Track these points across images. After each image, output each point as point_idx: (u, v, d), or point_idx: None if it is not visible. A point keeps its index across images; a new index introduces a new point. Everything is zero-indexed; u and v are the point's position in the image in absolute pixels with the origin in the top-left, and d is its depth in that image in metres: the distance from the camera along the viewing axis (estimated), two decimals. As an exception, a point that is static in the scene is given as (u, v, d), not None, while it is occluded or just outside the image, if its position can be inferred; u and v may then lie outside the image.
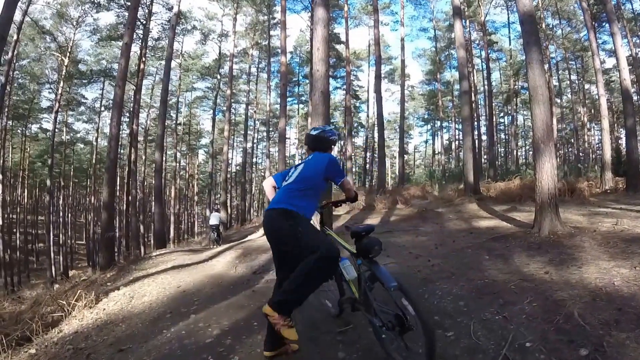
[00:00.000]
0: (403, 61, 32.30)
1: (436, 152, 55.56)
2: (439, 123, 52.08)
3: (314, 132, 4.46)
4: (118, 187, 30.63)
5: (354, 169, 35.92)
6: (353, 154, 35.72)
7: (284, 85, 23.56)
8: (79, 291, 7.64)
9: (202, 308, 6.12)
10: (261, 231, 16.61)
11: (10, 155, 43.80)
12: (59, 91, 33.91)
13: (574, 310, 4.07)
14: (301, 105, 48.59)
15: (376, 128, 32.96)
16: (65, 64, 33.23)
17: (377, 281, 3.65)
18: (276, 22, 36.76)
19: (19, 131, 42.80)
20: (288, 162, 42.99)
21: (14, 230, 42.28)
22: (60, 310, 7.17)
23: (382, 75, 32.22)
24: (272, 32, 38.56)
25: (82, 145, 50.36)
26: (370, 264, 3.75)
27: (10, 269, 34.77)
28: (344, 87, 37.98)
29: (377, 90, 24.87)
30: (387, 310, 3.53)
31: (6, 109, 32.97)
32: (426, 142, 62.41)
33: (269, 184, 4.45)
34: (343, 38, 33.49)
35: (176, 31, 26.27)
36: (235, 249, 10.96)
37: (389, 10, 38.35)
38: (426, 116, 56.10)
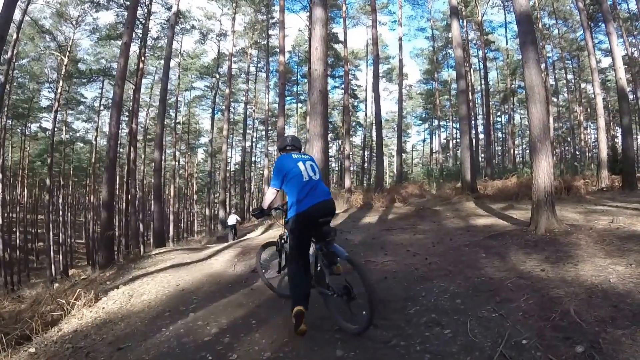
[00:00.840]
0: (401, 60, 32.37)
1: (434, 150, 55.50)
2: (436, 122, 52.10)
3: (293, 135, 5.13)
4: (117, 186, 30.69)
5: (352, 168, 35.96)
6: (351, 153, 35.76)
7: (282, 84, 23.54)
8: (78, 290, 7.55)
9: (200, 306, 6.13)
10: (260, 230, 16.71)
11: (10, 155, 44.03)
12: (59, 90, 34.07)
13: (570, 308, 4.11)
14: (300, 105, 48.76)
15: (374, 127, 33.05)
16: (65, 63, 33.34)
17: (334, 257, 4.61)
18: (275, 21, 36.79)
19: (18, 130, 42.87)
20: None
21: (14, 229, 42.32)
22: (60, 309, 7.11)
23: (380, 75, 32.32)
24: (270, 32, 38.69)
25: (81, 144, 50.36)
26: (327, 245, 4.62)
27: (10, 268, 34.84)
28: (342, 86, 38.04)
29: (375, 90, 24.92)
30: (338, 283, 4.57)
31: (6, 108, 33.09)
32: (424, 140, 62.48)
33: (272, 193, 4.89)
34: (341, 37, 33.45)
35: (175, 31, 26.28)
36: (234, 248, 10.90)
37: (387, 10, 38.49)
38: (424, 115, 56.26)
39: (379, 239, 9.72)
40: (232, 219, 22.17)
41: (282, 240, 5.85)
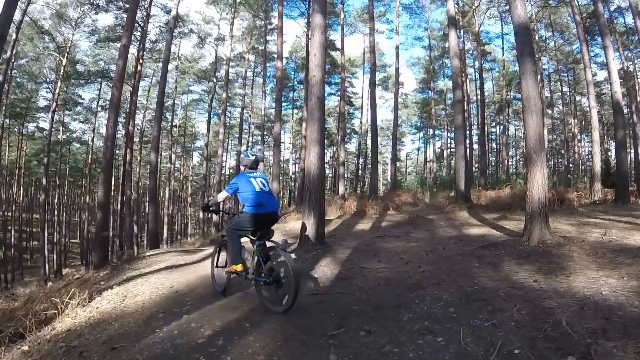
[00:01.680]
0: (397, 69, 32.50)
1: (428, 159, 55.63)
2: (431, 131, 52.23)
3: (256, 155, 6.50)
4: (113, 187, 30.56)
5: (346, 175, 35.96)
6: (346, 160, 35.75)
7: (279, 90, 23.55)
8: (72, 289, 7.56)
9: (194, 308, 6.13)
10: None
11: (6, 153, 44.30)
12: (57, 91, 33.91)
13: (562, 319, 4.15)
14: (295, 111, 48.60)
15: (369, 134, 33.07)
16: (63, 64, 33.22)
17: (269, 251, 5.81)
18: (273, 27, 36.78)
19: (15, 129, 42.88)
20: (282, 166, 42.96)
21: (9, 227, 42.11)
22: (54, 308, 7.06)
23: (377, 83, 32.30)
24: (268, 37, 38.71)
25: (78, 145, 50.15)
26: (265, 243, 5.81)
27: (4, 266, 34.98)
28: (339, 93, 38.00)
29: (372, 97, 24.93)
30: (270, 273, 5.63)
31: (3, 107, 33.21)
32: (418, 149, 62.50)
33: (223, 196, 6.36)
34: (338, 45, 33.49)
35: (173, 34, 26.26)
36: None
37: (384, 19, 38.50)
38: (419, 124, 56.23)
39: (373, 246, 9.75)
40: None
41: (224, 239, 6.71)
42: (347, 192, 28.19)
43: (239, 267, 5.99)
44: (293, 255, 6.11)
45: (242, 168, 6.39)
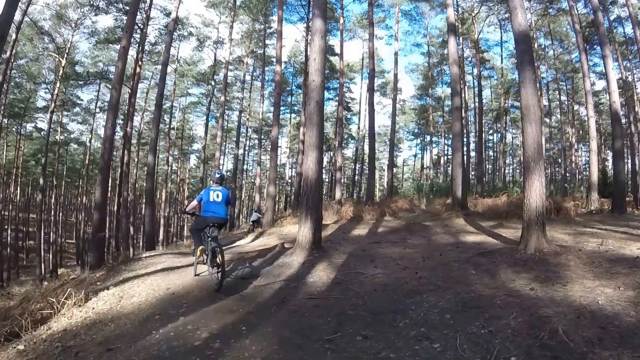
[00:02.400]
0: (396, 75, 32.56)
1: (425, 166, 55.33)
2: (428, 137, 51.95)
3: (223, 173, 8.67)
4: (110, 188, 30.51)
5: (342, 180, 35.82)
6: (343, 165, 35.66)
7: (278, 94, 23.44)
8: (68, 289, 7.59)
9: (191, 311, 6.14)
10: (250, 237, 16.66)
11: (4, 153, 44.30)
12: (55, 91, 33.78)
13: (559, 327, 4.16)
14: (293, 115, 48.35)
15: (367, 140, 33.13)
16: (63, 64, 33.06)
17: (214, 249, 7.53)
18: (272, 31, 36.66)
19: (14, 129, 42.54)
20: (279, 170, 42.80)
21: (5, 226, 41.79)
22: (50, 307, 7.12)
23: (375, 89, 32.32)
24: (267, 41, 38.53)
25: (75, 146, 50.13)
26: (212, 242, 7.66)
27: (0, 265, 34.59)
28: (337, 98, 38.04)
29: (370, 103, 24.97)
30: (214, 260, 7.49)
31: (2, 107, 32.85)
32: (415, 156, 62.32)
33: (194, 204, 8.42)
34: (337, 50, 33.49)
35: (173, 37, 26.20)
36: (224, 254, 10.90)
37: (383, 25, 38.53)
38: (416, 130, 56.26)
39: (369, 251, 9.79)
40: (254, 216, 23.87)
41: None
42: (343, 198, 28.17)
43: (199, 249, 7.96)
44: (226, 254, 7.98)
45: (210, 182, 8.57)
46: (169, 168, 49.57)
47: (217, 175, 8.33)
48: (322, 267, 8.21)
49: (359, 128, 49.24)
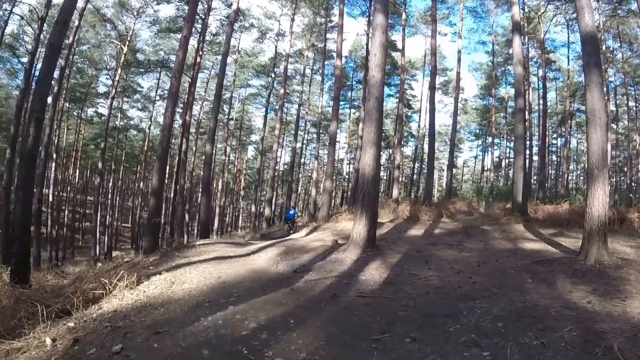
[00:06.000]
0: (458, 73, 31.77)
1: (485, 168, 53.84)
2: (490, 139, 50.68)
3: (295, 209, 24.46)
4: (167, 175, 31.27)
5: (401, 179, 35.19)
6: (401, 163, 35.12)
7: (337, 88, 23.36)
8: (121, 272, 7.81)
9: (240, 300, 6.24)
10: (304, 231, 16.81)
11: (65, 136, 45.57)
12: (116, 78, 34.79)
13: (614, 344, 4.03)
14: (353, 110, 48.25)
15: (427, 139, 32.65)
16: (124, 52, 34.05)
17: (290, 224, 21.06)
18: (333, 25, 36.41)
19: (75, 113, 44.31)
20: (337, 165, 42.76)
21: (63, 207, 43.73)
22: (102, 288, 7.36)
23: (437, 86, 31.77)
24: (328, 35, 38.14)
25: (134, 132, 51.70)
26: (292, 223, 21.37)
27: (56, 244, 36.06)
28: (397, 95, 37.37)
29: (431, 101, 24.64)
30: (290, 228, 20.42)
31: (64, 92, 34.14)
32: (475, 157, 60.92)
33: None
34: (399, 45, 32.80)
35: (234, 28, 26.43)
36: (277, 247, 11.05)
37: (447, 21, 37.61)
38: (478, 131, 54.82)
39: (424, 252, 9.68)
40: (291, 214, 23.80)
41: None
42: (401, 197, 27.83)
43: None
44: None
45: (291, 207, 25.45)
46: (227, 158, 50.39)
47: (292, 210, 22.47)
48: (374, 266, 8.16)
49: (419, 126, 48.48)
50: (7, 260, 8.99)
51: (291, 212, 24.06)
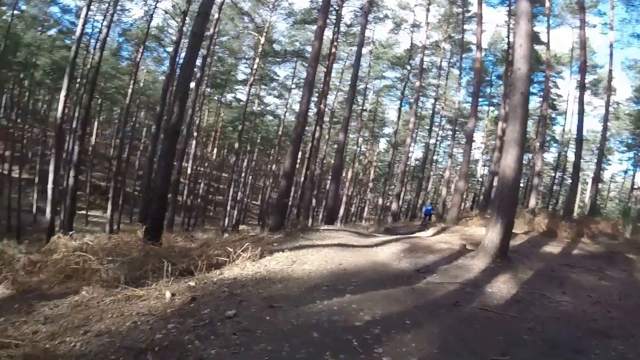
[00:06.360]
0: (610, 71, 28.58)
1: (636, 186, 48.04)
2: (644, 152, 45.53)
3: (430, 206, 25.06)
4: (299, 161, 32.13)
5: (539, 188, 32.31)
6: (541, 170, 32.43)
7: (477, 82, 22.48)
8: (246, 244, 8.18)
9: (358, 290, 6.20)
10: (431, 231, 16.50)
11: (205, 118, 51.06)
12: (254, 67, 37.15)
13: None
14: (491, 108, 46.00)
15: (572, 145, 30.30)
16: (261, 42, 35.92)
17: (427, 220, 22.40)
18: (471, 15, 34.94)
19: (215, 98, 49.41)
20: (470, 166, 41.17)
21: (199, 180, 48.97)
22: (226, 255, 7.75)
23: (586, 85, 29.11)
24: (466, 26, 36.86)
25: (270, 118, 54.63)
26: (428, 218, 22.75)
27: (190, 212, 40.76)
28: (541, 93, 35.08)
29: (580, 102, 23.05)
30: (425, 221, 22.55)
31: (206, 78, 37.64)
32: (625, 172, 53.38)
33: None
34: (543, 38, 30.44)
35: (368, 19, 26.49)
36: (402, 242, 10.89)
37: (595, 10, 33.22)
38: (630, 141, 47.47)
39: (559, 273, 8.92)
40: (429, 209, 24.44)
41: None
42: (537, 207, 26.05)
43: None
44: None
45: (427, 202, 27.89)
46: (358, 149, 51.24)
47: (430, 206, 24.55)
48: (503, 279, 7.69)
49: (563, 130, 44.46)
50: (144, 220, 9.94)
51: (429, 207, 24.60)
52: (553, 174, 46.61)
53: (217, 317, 4.82)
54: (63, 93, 21.47)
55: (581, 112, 22.88)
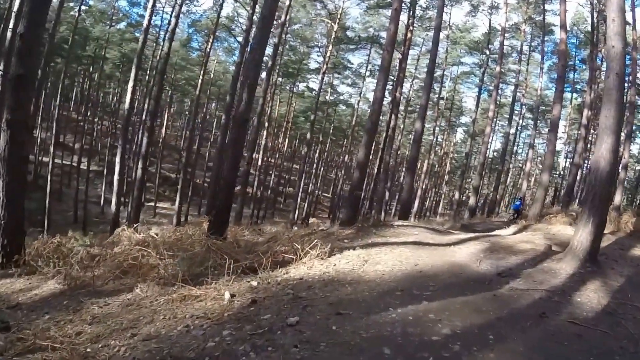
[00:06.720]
0: None
1: None
2: None
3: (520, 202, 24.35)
4: (372, 151, 31.78)
5: (625, 183, 29.50)
6: (628, 163, 29.64)
7: (562, 66, 21.06)
8: (315, 240, 7.91)
9: (436, 297, 5.71)
10: (512, 229, 15.65)
11: (277, 108, 50.87)
12: (327, 54, 36.64)
13: None
14: (575, 95, 43.25)
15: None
16: (334, 29, 35.56)
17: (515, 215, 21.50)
18: (552, -7, 33.18)
19: (287, 87, 49.39)
20: (555, 159, 39.08)
21: (270, 172, 49.64)
22: (293, 253, 7.48)
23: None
24: (547, 6, 34.95)
25: (343, 107, 54.54)
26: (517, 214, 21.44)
27: (259, 203, 41.37)
28: (627, 78, 32.57)
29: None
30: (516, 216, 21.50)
31: (277, 67, 37.48)
32: None
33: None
34: (627, 17, 28.09)
35: (444, 1, 25.58)
36: (481, 241, 10.19)
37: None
38: None
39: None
40: (517, 204, 23.96)
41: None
42: (623, 204, 24.09)
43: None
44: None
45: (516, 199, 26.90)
46: (434, 139, 50.29)
47: (518, 201, 23.84)
48: (593, 287, 6.82)
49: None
50: (211, 212, 9.70)
51: (517, 202, 24.13)
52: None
53: (278, 324, 4.49)
54: (130, 84, 21.72)
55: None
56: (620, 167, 24.80)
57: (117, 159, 21.77)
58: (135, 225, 9.47)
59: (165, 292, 5.61)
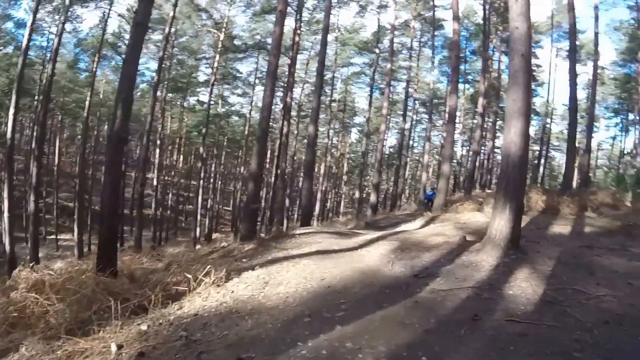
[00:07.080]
0: (597, 34, 27.11)
1: (625, 152, 45.86)
2: (632, 116, 43.59)
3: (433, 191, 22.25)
4: (268, 160, 31.10)
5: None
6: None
7: (456, 57, 21.62)
8: (208, 266, 7.19)
9: (350, 316, 5.10)
10: (419, 222, 15.82)
11: (169, 124, 50.37)
12: (215, 65, 37.09)
13: None
14: (467, 86, 45.48)
15: (555, 117, 29.26)
16: (221, 39, 35.88)
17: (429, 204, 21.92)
18: (441, -13, 34.44)
19: (177, 102, 48.43)
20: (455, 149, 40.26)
21: (167, 191, 48.75)
22: (186, 283, 6.80)
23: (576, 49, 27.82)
24: (436, 2, 36.33)
25: (236, 118, 54.13)
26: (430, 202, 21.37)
27: (160, 225, 39.46)
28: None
29: (571, 69, 21.93)
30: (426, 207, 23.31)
31: (166, 82, 37.90)
32: (613, 138, 51.85)
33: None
34: None
35: (332, 3, 25.49)
36: (389, 240, 9.66)
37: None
38: (616, 106, 46.64)
39: (582, 259, 7.68)
40: (430, 194, 24.51)
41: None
42: (527, 183, 25.02)
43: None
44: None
45: (429, 189, 25.95)
46: (329, 141, 51.13)
47: (430, 190, 22.23)
48: (523, 276, 6.39)
49: (547, 102, 43.48)
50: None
51: (430, 192, 24.63)
52: (540, 148, 45.59)
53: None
54: (11, 112, 20.21)
55: (573, 78, 21.87)
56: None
57: (5, 194, 20.17)
58: (32, 264, 8.01)
59: (50, 349, 4.81)
